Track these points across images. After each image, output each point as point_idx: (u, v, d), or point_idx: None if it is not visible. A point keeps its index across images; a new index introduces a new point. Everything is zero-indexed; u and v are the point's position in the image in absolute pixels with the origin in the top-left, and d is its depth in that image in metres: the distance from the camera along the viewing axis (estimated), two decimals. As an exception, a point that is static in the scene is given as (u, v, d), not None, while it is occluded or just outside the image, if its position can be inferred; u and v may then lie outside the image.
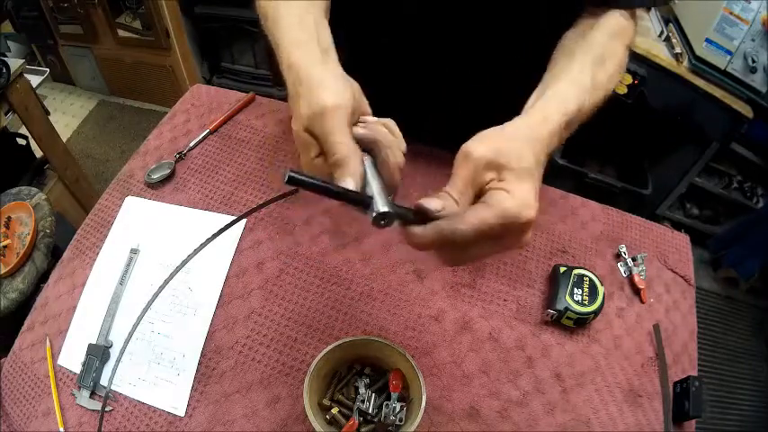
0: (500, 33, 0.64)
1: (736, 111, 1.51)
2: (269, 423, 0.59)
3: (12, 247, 1.06)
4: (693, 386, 0.61)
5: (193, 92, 0.93)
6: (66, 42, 2.36)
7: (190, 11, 2.13)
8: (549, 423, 0.60)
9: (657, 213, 1.93)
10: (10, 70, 1.36)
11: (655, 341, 0.67)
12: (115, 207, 0.78)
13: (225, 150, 0.83)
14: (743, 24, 1.39)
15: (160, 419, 0.60)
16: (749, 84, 1.47)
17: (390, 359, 0.58)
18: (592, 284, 0.66)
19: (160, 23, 2.05)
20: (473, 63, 0.68)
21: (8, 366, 0.67)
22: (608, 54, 0.52)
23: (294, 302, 0.67)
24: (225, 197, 0.77)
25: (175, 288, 0.69)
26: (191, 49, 2.24)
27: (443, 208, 0.38)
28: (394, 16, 0.66)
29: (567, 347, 0.65)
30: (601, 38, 0.53)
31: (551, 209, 0.78)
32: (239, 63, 2.36)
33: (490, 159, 0.39)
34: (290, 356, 0.63)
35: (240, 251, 0.72)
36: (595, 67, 0.49)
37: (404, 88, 0.75)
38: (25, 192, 1.17)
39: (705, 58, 1.44)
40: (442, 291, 0.69)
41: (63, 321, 0.69)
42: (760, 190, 1.92)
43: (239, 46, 2.29)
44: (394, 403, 0.55)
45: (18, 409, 0.64)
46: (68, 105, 2.57)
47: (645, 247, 0.76)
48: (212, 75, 2.41)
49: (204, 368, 0.63)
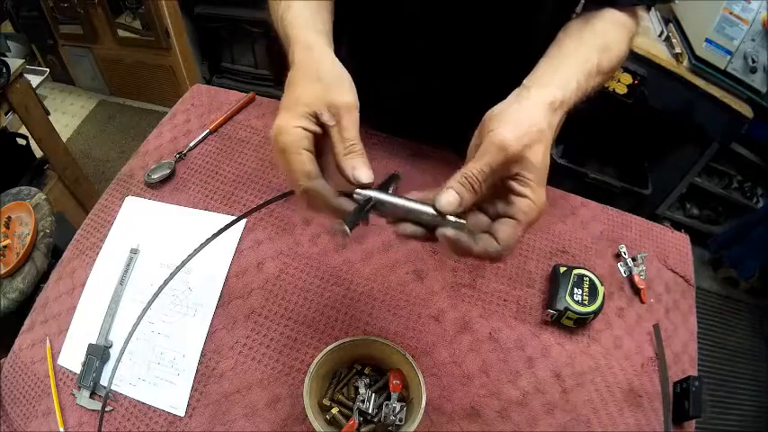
0: (501, 33, 0.64)
1: (736, 111, 1.51)
2: (269, 423, 0.59)
3: (12, 247, 1.05)
4: (693, 386, 0.61)
5: (193, 92, 0.93)
6: (66, 42, 2.36)
7: (190, 11, 2.13)
8: (548, 423, 0.60)
9: (657, 213, 1.93)
10: (10, 70, 1.36)
11: (655, 341, 0.67)
12: (115, 207, 0.78)
13: (225, 150, 0.83)
14: (743, 24, 1.39)
15: (160, 419, 0.60)
16: (749, 84, 1.47)
17: (390, 359, 0.58)
18: (592, 284, 0.65)
19: (160, 23, 2.05)
20: (474, 62, 0.68)
21: (8, 366, 0.67)
22: (612, 43, 0.52)
23: (294, 302, 0.67)
24: (225, 197, 0.77)
25: (175, 288, 0.69)
26: (191, 49, 2.24)
27: (460, 204, 0.39)
28: (395, 16, 0.66)
29: (567, 347, 0.65)
30: (604, 26, 0.53)
31: (551, 209, 0.78)
32: (239, 63, 2.36)
33: (521, 155, 0.39)
34: (290, 356, 0.63)
35: (240, 251, 0.72)
36: (601, 54, 0.50)
37: (404, 87, 0.75)
38: (25, 192, 1.17)
39: (705, 58, 1.44)
40: (442, 291, 0.69)
41: (63, 321, 0.69)
42: (760, 190, 1.92)
43: (239, 46, 2.29)
44: (394, 403, 0.55)
45: (18, 409, 0.64)
46: (68, 105, 2.57)
47: (645, 247, 0.76)
48: (212, 75, 2.41)
49: (204, 368, 0.63)
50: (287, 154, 0.40)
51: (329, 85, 0.42)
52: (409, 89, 0.74)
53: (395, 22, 0.67)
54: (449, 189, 0.40)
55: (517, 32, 0.63)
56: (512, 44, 0.64)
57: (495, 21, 0.63)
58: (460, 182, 0.40)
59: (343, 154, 0.41)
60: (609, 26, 0.54)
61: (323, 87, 0.42)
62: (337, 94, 0.42)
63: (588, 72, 0.48)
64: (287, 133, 0.41)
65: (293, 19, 0.49)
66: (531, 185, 0.40)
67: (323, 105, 0.41)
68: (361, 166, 0.41)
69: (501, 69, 0.67)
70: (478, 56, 0.67)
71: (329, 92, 0.42)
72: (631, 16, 0.56)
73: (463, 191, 0.39)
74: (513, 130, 0.40)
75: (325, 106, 0.41)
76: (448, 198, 0.39)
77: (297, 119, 0.41)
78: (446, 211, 0.39)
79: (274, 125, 0.41)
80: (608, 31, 0.53)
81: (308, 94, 0.42)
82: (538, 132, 0.40)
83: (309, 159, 0.41)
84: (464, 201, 0.39)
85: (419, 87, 0.73)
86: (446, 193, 0.39)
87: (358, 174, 0.41)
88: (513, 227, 0.40)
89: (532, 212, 0.40)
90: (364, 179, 0.41)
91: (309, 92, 0.42)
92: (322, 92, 0.42)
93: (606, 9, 0.55)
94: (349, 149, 0.41)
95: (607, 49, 0.51)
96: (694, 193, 1.93)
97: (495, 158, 0.39)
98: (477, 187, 0.40)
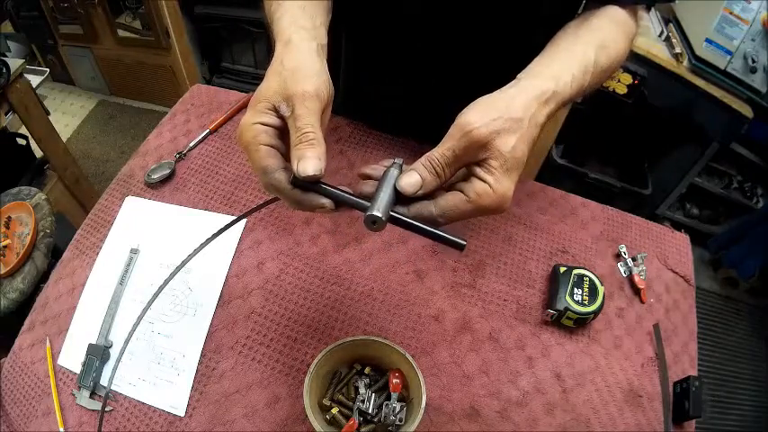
0: (501, 32, 0.64)
1: (736, 111, 1.51)
2: (269, 423, 0.59)
3: (12, 247, 1.05)
4: (693, 386, 0.61)
5: (193, 92, 0.93)
6: (66, 42, 2.36)
7: (190, 11, 2.13)
8: (549, 423, 0.60)
9: (657, 213, 1.93)
10: (10, 70, 1.36)
11: (655, 341, 0.67)
12: (115, 207, 0.78)
13: (225, 150, 0.83)
14: (743, 24, 1.39)
15: (160, 419, 0.60)
16: (749, 84, 1.47)
17: (390, 359, 0.58)
18: (592, 284, 0.66)
19: (160, 23, 2.05)
20: (474, 62, 0.68)
21: (8, 366, 0.67)
22: (609, 40, 0.52)
23: (294, 302, 0.67)
24: (225, 197, 0.77)
25: (175, 288, 0.69)
26: (191, 49, 2.24)
27: (421, 186, 0.40)
28: (395, 16, 0.66)
29: (567, 347, 0.65)
30: (601, 23, 0.53)
31: (551, 209, 0.78)
32: (239, 63, 2.36)
33: (487, 141, 0.39)
34: (290, 356, 0.63)
35: (240, 251, 0.72)
36: (598, 50, 0.49)
37: (404, 87, 0.75)
38: (25, 192, 1.17)
39: (705, 58, 1.44)
40: (442, 291, 0.69)
41: (63, 321, 0.69)
42: (760, 190, 1.92)
43: (239, 46, 2.29)
44: (394, 403, 0.55)
45: (18, 409, 0.64)
46: (68, 105, 2.57)
47: (645, 247, 0.76)
48: (212, 75, 2.41)
49: (204, 368, 0.63)
50: (247, 150, 0.41)
51: (288, 77, 0.42)
52: (409, 89, 0.74)
53: (394, 22, 0.67)
54: (411, 171, 0.40)
55: (517, 31, 0.63)
56: (512, 44, 0.63)
57: (495, 20, 0.63)
58: (424, 164, 0.40)
59: (294, 144, 0.40)
60: (606, 24, 0.53)
61: (282, 80, 0.42)
62: (294, 85, 0.41)
63: (585, 67, 0.48)
64: (246, 130, 0.41)
65: (281, 15, 0.49)
66: (494, 173, 0.39)
67: (281, 98, 0.41)
68: (308, 157, 0.38)
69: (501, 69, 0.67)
70: (478, 56, 0.67)
71: (287, 83, 0.41)
72: (631, 16, 0.56)
73: (426, 173, 0.40)
74: (481, 116, 0.39)
75: (282, 98, 0.41)
76: (409, 180, 0.40)
77: (256, 115, 0.41)
78: (407, 192, 0.40)
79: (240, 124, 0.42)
80: (605, 27, 0.53)
81: (267, 89, 0.42)
82: (511, 121, 0.40)
83: (267, 154, 0.40)
84: (425, 183, 0.40)
85: (419, 87, 0.73)
86: (407, 175, 0.40)
87: (303, 165, 0.38)
88: (459, 199, 0.40)
89: (487, 197, 0.39)
90: (309, 170, 0.38)
91: (269, 86, 0.42)
92: (280, 84, 0.41)
93: (606, 8, 0.55)
94: (299, 139, 0.39)
95: (604, 46, 0.50)
96: (694, 193, 1.93)
97: (458, 143, 0.39)
98: (439, 171, 0.40)
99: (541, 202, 0.79)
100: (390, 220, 0.40)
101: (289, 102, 0.41)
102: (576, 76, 0.46)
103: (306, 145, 0.39)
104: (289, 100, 0.41)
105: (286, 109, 0.41)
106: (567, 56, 0.48)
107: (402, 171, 0.42)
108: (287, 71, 0.42)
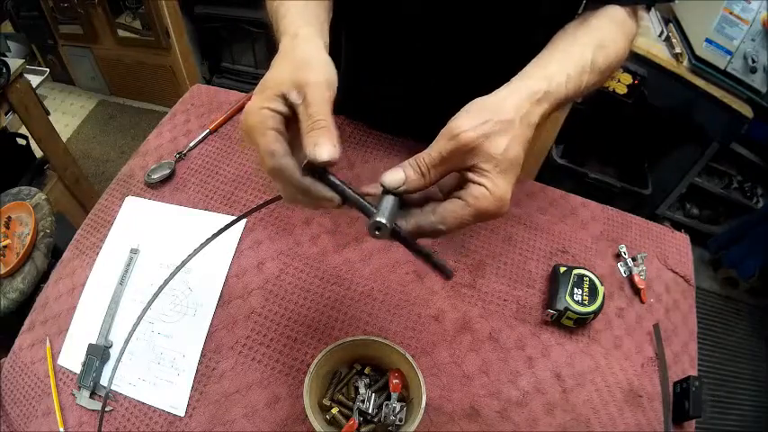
0: (501, 33, 0.64)
1: (736, 111, 1.51)
2: (269, 423, 0.59)
3: (12, 247, 1.05)
4: (693, 386, 0.61)
5: (193, 92, 0.93)
6: (66, 42, 2.36)
7: (190, 11, 2.13)
8: (549, 423, 0.60)
9: (657, 213, 1.93)
10: (10, 70, 1.36)
11: (655, 341, 0.67)
12: (115, 207, 0.78)
13: (225, 150, 0.83)
14: (743, 24, 1.39)
15: (160, 419, 0.60)
16: (749, 84, 1.47)
17: (390, 359, 0.58)
18: (592, 284, 0.66)
19: (160, 23, 2.05)
20: (474, 62, 0.68)
21: (8, 366, 0.67)
22: (607, 40, 0.51)
23: (294, 302, 0.67)
24: (225, 197, 0.77)
25: (175, 288, 0.69)
26: (191, 49, 2.24)
27: (403, 182, 0.40)
28: (395, 16, 0.66)
29: (567, 347, 0.65)
30: (599, 23, 0.53)
31: (551, 209, 0.78)
32: (239, 63, 2.36)
33: (476, 145, 0.39)
34: (290, 356, 0.63)
35: (240, 251, 0.72)
36: (596, 50, 0.49)
37: (404, 87, 0.75)
38: (25, 192, 1.17)
39: (705, 58, 1.44)
40: (442, 291, 0.69)
41: (63, 321, 0.69)
42: (760, 190, 1.92)
43: (239, 46, 2.29)
44: (394, 403, 0.55)
45: (18, 409, 0.64)
46: (68, 105, 2.57)
47: (645, 247, 0.76)
48: (212, 75, 2.41)
49: (204, 368, 0.63)
50: (253, 134, 0.40)
51: (298, 65, 0.41)
52: (409, 89, 0.74)
53: (394, 22, 0.67)
54: (397, 167, 0.41)
55: (517, 32, 0.63)
56: (512, 44, 0.63)
57: (495, 21, 0.63)
58: (410, 163, 0.40)
59: (307, 131, 0.39)
60: (605, 24, 0.53)
61: (292, 67, 0.41)
62: (305, 73, 0.41)
63: (581, 67, 0.47)
64: (253, 114, 0.40)
65: (285, 12, 0.49)
66: (487, 176, 0.39)
67: (291, 85, 0.40)
68: (324, 142, 0.38)
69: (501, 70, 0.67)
70: (478, 56, 0.67)
71: (297, 71, 0.41)
72: (631, 16, 0.56)
73: (410, 171, 0.40)
74: (470, 120, 0.39)
75: (293, 86, 0.40)
76: (393, 176, 0.40)
77: (264, 101, 0.40)
78: (389, 186, 0.40)
79: (244, 110, 0.41)
80: (604, 27, 0.53)
81: (276, 76, 0.42)
82: (501, 123, 0.40)
83: (275, 139, 0.40)
84: (408, 181, 0.40)
85: (419, 87, 0.73)
86: (392, 171, 0.40)
87: (319, 150, 0.38)
88: (458, 205, 0.39)
89: (485, 200, 0.39)
90: (325, 156, 0.38)
91: (278, 73, 0.42)
92: (290, 72, 0.41)
93: (605, 8, 0.54)
94: (312, 126, 0.39)
95: (603, 46, 0.50)
96: (694, 193, 1.93)
97: (445, 146, 0.39)
98: (425, 171, 0.40)
99: (541, 202, 0.79)
100: (391, 232, 0.40)
101: (300, 89, 0.40)
102: (572, 76, 0.46)
103: (321, 131, 0.39)
104: (300, 88, 0.40)
105: (297, 96, 0.40)
106: (563, 56, 0.48)
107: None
108: (298, 60, 0.42)
